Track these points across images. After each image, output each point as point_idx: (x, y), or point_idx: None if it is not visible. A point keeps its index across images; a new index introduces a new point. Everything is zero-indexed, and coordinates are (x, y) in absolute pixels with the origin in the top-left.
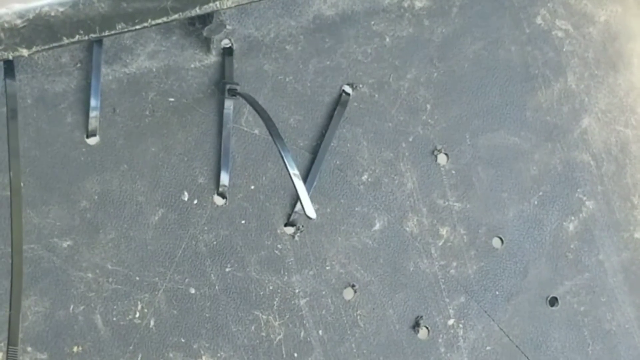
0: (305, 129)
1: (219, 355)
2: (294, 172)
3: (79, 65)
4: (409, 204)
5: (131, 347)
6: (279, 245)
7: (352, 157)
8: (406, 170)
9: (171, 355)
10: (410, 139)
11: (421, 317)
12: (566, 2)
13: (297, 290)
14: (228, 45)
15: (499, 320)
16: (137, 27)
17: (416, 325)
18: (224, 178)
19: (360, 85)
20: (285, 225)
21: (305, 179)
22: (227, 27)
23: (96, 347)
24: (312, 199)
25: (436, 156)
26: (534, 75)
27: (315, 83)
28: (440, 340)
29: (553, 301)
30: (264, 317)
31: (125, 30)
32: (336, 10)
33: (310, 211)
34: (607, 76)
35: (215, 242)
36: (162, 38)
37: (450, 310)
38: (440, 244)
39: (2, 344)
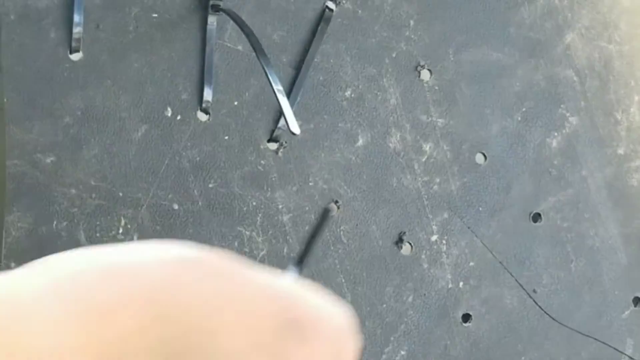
0: (288, 45)
1: None
2: (278, 87)
3: None
4: (392, 120)
5: None
6: (262, 161)
7: (335, 72)
8: (389, 86)
9: None
10: (394, 55)
11: (404, 233)
12: None
13: (280, 206)
14: None
15: (482, 236)
16: None
17: (399, 241)
18: (207, 94)
19: (344, 1)
20: (269, 141)
21: (288, 94)
22: None
23: None
24: (296, 115)
25: (419, 72)
26: None
27: None
28: (423, 256)
29: (536, 217)
30: (247, 232)
31: None
32: None
33: (295, 127)
34: None
35: (198, 158)
36: None
37: (434, 226)
38: (423, 159)
39: None
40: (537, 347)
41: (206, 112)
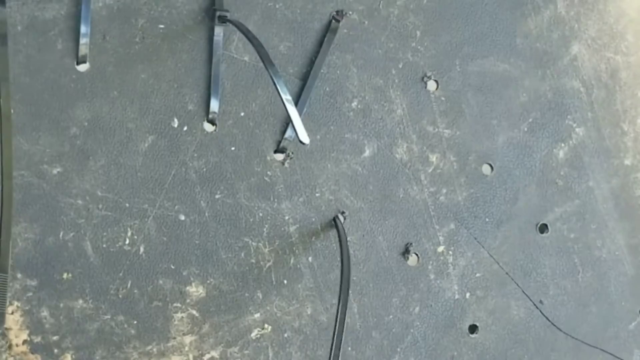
0: (295, 56)
1: (208, 281)
2: (287, 97)
3: None
4: (398, 131)
5: (121, 274)
6: (268, 172)
7: (342, 83)
8: (396, 96)
9: (161, 281)
10: (400, 66)
11: (411, 244)
12: None
13: (286, 217)
14: None
15: (488, 247)
16: None
17: (406, 252)
18: (214, 105)
19: (350, 12)
20: (275, 151)
21: (295, 105)
22: None
23: (86, 273)
24: (303, 125)
25: (426, 83)
26: (524, 2)
27: (305, 10)
28: (430, 267)
29: (543, 228)
30: (254, 244)
31: None
32: None
33: (304, 137)
34: (596, 2)
35: (205, 169)
36: None
37: (440, 237)
38: (430, 170)
39: None
40: (544, 358)
41: (213, 122)
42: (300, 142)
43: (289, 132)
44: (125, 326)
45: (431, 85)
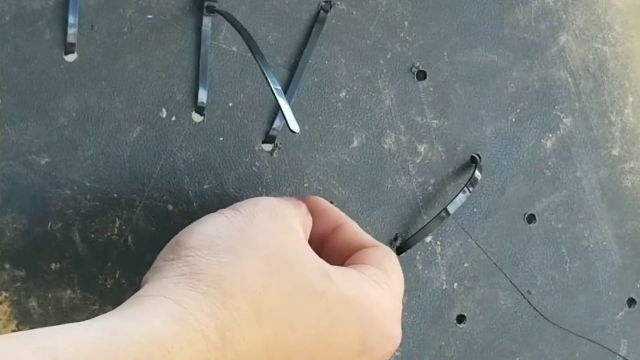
0: (283, 46)
1: None
2: (276, 87)
3: None
4: (386, 121)
5: (109, 264)
6: (257, 163)
7: (330, 74)
8: (384, 87)
9: None
10: (388, 56)
11: (399, 234)
12: None
13: None
14: None
15: (476, 238)
16: None
17: (394, 241)
18: (202, 95)
19: (338, 2)
20: (263, 142)
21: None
22: None
23: (74, 263)
24: None
25: (414, 73)
26: None
27: (293, 0)
28: (418, 257)
29: (531, 218)
30: None
31: None
32: None
33: (294, 125)
34: None
35: (193, 159)
36: None
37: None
38: (418, 161)
39: None
40: (532, 348)
41: (201, 113)
42: (291, 131)
43: (277, 123)
44: None
45: (419, 75)
